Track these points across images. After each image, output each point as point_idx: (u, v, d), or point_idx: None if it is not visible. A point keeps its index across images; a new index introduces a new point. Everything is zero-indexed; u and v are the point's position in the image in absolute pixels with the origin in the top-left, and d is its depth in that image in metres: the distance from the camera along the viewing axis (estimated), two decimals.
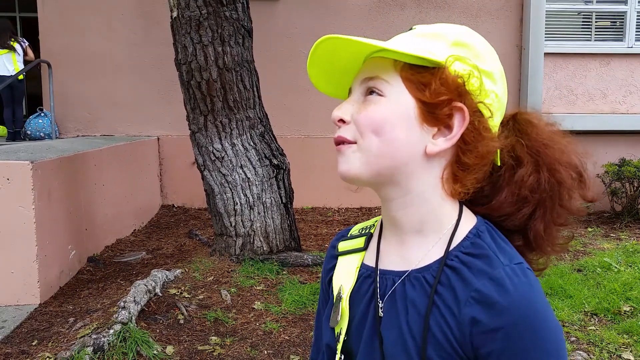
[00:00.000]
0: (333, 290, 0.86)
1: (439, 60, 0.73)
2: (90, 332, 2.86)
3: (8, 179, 3.48)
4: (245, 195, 4.08)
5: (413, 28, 0.79)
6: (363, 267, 0.84)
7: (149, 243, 5.03)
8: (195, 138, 4.14)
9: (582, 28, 6.80)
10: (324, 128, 6.26)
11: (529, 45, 6.33)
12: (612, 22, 6.84)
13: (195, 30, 3.95)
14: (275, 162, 4.19)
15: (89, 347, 2.67)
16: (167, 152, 6.39)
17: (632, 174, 5.49)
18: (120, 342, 2.73)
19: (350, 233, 0.91)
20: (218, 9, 3.96)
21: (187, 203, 6.39)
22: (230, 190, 4.08)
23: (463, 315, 0.70)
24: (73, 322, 3.15)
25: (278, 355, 2.90)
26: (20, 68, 6.91)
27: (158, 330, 3.01)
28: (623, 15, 6.70)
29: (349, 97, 0.79)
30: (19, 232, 3.47)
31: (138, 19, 6.34)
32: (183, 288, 3.55)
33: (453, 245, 0.75)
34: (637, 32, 6.69)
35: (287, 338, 3.06)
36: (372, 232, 0.87)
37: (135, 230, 5.39)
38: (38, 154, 3.89)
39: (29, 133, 6.45)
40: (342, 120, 0.76)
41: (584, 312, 3.39)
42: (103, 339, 2.71)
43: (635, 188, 5.63)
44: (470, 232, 0.76)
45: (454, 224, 0.76)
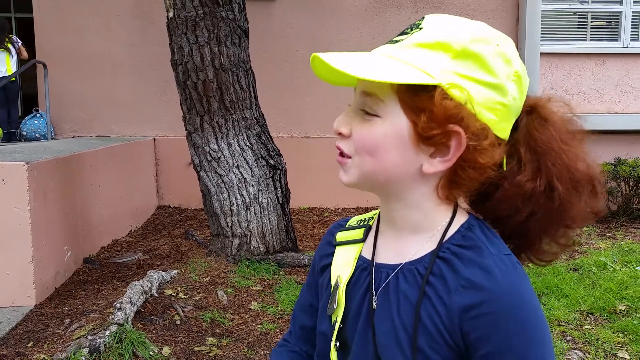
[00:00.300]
0: (330, 279, 0.89)
1: (434, 84, 0.70)
2: (86, 333, 2.86)
3: (3, 180, 3.46)
4: (242, 196, 4.08)
5: (421, 23, 0.75)
6: (360, 258, 0.86)
7: (145, 244, 5.02)
8: (192, 138, 4.13)
9: (577, 28, 6.82)
10: (321, 128, 6.25)
11: (525, 45, 6.34)
12: (607, 22, 6.86)
13: (192, 31, 3.95)
14: (272, 162, 4.19)
15: (85, 348, 2.66)
16: (163, 152, 6.38)
17: (627, 174, 5.50)
18: (117, 343, 2.73)
19: (349, 224, 0.94)
20: (214, 10, 3.95)
21: (183, 204, 6.38)
22: (227, 191, 4.08)
23: (453, 303, 0.72)
24: (69, 323, 3.14)
25: None
26: (13, 69, 6.89)
27: (154, 331, 3.01)
28: (618, 15, 6.73)
29: (351, 105, 0.79)
30: (15, 233, 3.46)
31: (134, 19, 6.33)
32: (179, 289, 3.54)
33: (445, 239, 0.77)
34: (632, 32, 6.71)
35: None
36: (370, 224, 0.90)
37: (132, 231, 5.38)
38: (34, 155, 3.87)
39: (25, 134, 6.44)
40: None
41: (580, 311, 3.40)
42: (99, 340, 2.71)
43: (631, 187, 5.65)
44: (462, 226, 0.78)
45: (448, 222, 0.78)
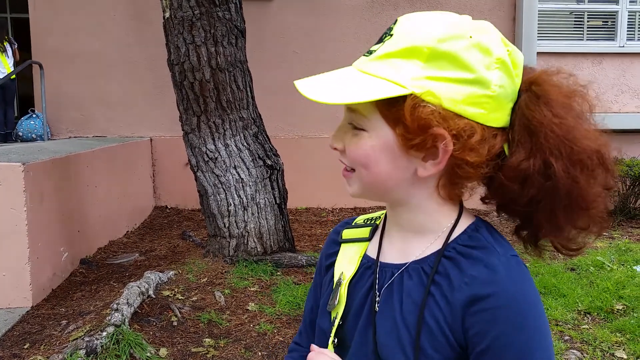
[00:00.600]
0: (333, 276, 0.89)
1: (404, 94, 0.70)
2: (83, 334, 2.84)
3: None
4: (239, 196, 4.07)
5: (393, 28, 0.74)
6: (365, 257, 0.87)
7: (142, 244, 5.00)
8: (189, 139, 4.12)
9: (574, 27, 6.83)
10: (318, 128, 6.25)
11: (522, 45, 6.35)
12: (603, 21, 6.88)
13: (188, 31, 3.94)
14: (269, 162, 4.18)
15: (82, 349, 2.65)
16: (160, 153, 6.36)
17: (624, 173, 5.51)
18: (114, 344, 2.72)
19: (355, 222, 0.95)
20: (211, 9, 3.94)
21: (180, 204, 6.37)
22: (224, 191, 4.07)
23: (456, 300, 0.72)
24: (65, 324, 3.12)
25: (272, 357, 2.90)
26: (10, 69, 6.87)
27: (151, 333, 3.00)
28: (614, 15, 6.74)
29: (343, 120, 0.80)
30: (11, 234, 3.44)
31: (130, 20, 6.32)
32: (176, 290, 3.53)
33: (451, 240, 0.78)
34: (628, 31, 6.73)
35: (281, 339, 3.05)
36: (377, 223, 0.90)
37: (128, 232, 5.37)
38: (30, 156, 3.86)
39: (21, 134, 6.42)
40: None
41: (577, 310, 3.41)
42: (96, 342, 2.70)
43: (628, 187, 5.66)
44: (469, 227, 0.78)
45: (453, 222, 0.79)
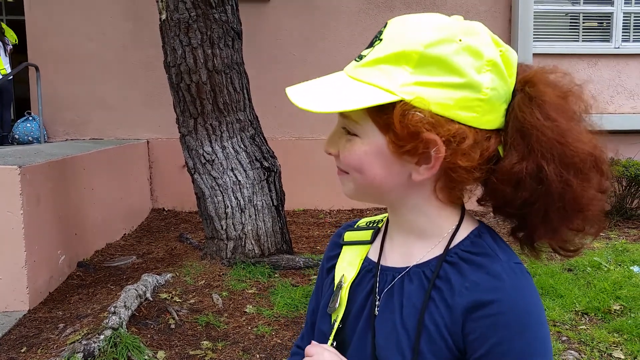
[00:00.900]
0: (334, 278, 0.88)
1: (393, 101, 0.69)
2: (81, 337, 2.83)
3: None
4: (236, 198, 4.07)
5: (383, 32, 0.73)
6: (366, 260, 0.86)
7: (139, 247, 4.99)
8: (185, 141, 4.12)
9: (569, 29, 6.86)
10: (315, 130, 6.25)
11: (518, 46, 6.37)
12: (599, 23, 6.90)
13: (185, 33, 3.93)
14: (266, 164, 4.18)
15: (79, 353, 2.65)
16: (157, 155, 6.35)
17: (620, 174, 5.53)
18: (111, 347, 2.71)
19: (358, 224, 0.94)
20: (207, 11, 3.94)
21: (177, 206, 6.36)
22: (221, 193, 4.06)
23: (456, 304, 0.72)
24: (63, 328, 3.11)
25: (270, 359, 2.89)
26: (7, 69, 6.86)
27: (149, 335, 2.99)
28: (610, 16, 6.77)
29: (336, 125, 0.80)
30: (7, 237, 3.43)
31: (126, 22, 6.31)
32: (174, 292, 3.52)
33: (453, 245, 0.77)
34: (623, 32, 6.76)
35: (279, 342, 3.05)
36: (380, 226, 0.90)
37: (126, 235, 5.35)
38: (26, 159, 3.85)
39: (17, 137, 6.40)
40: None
41: (575, 311, 3.41)
42: (93, 345, 2.69)
43: (624, 187, 5.68)
44: (472, 232, 0.78)
45: (455, 227, 0.78)
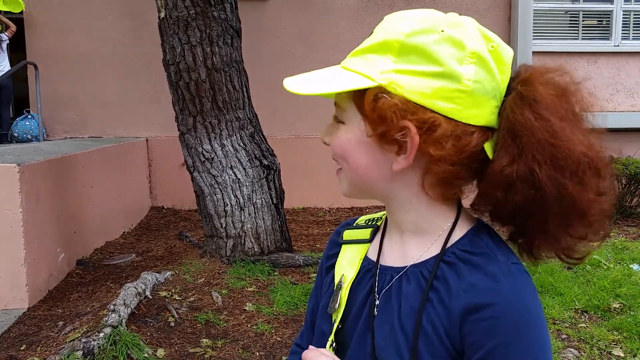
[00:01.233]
0: (334, 278, 0.88)
1: (368, 86, 0.71)
2: (80, 335, 2.83)
3: None
4: (236, 196, 4.07)
5: (377, 26, 0.76)
6: (366, 259, 0.86)
7: (139, 245, 4.99)
8: (185, 139, 4.11)
9: (569, 27, 6.85)
10: (314, 128, 6.24)
11: (517, 44, 6.36)
12: (598, 20, 6.90)
13: (183, 31, 3.93)
14: (266, 162, 4.18)
15: (79, 351, 2.64)
16: (156, 153, 6.35)
17: (620, 172, 5.53)
18: (111, 345, 2.71)
19: (357, 223, 0.94)
20: (206, 9, 3.94)
21: (176, 204, 6.35)
22: (221, 192, 4.06)
23: (454, 307, 0.71)
24: (62, 326, 3.11)
25: (270, 357, 2.89)
26: (5, 67, 6.84)
27: (149, 333, 2.99)
28: (609, 14, 6.76)
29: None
30: (6, 235, 3.43)
31: (125, 20, 6.30)
32: (173, 290, 3.52)
33: (451, 243, 0.76)
34: (623, 30, 6.75)
35: (279, 339, 3.05)
36: (379, 225, 0.89)
37: (125, 233, 5.35)
38: (25, 157, 3.84)
39: (16, 135, 6.39)
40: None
41: (575, 309, 3.42)
42: (93, 343, 2.69)
43: (624, 186, 5.68)
44: (469, 230, 0.77)
45: (451, 224, 0.77)
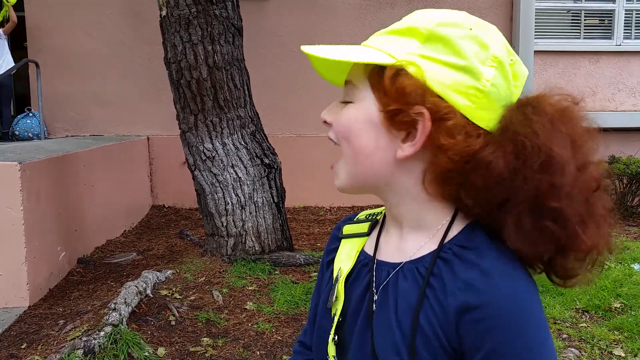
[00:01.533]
0: (333, 271, 0.88)
1: (390, 63, 0.70)
2: (81, 334, 2.83)
3: None
4: (237, 195, 4.06)
5: (405, 16, 0.77)
6: (362, 253, 0.85)
7: (140, 244, 4.99)
8: (186, 137, 4.11)
9: (571, 26, 6.84)
10: (316, 127, 6.24)
11: (519, 43, 6.35)
12: (600, 20, 6.88)
13: (185, 29, 3.92)
14: (267, 161, 4.17)
15: (80, 349, 2.64)
16: (157, 152, 6.35)
17: (621, 171, 5.51)
18: (111, 344, 2.71)
19: (357, 217, 0.93)
20: (207, 8, 3.93)
21: (177, 203, 6.35)
22: (222, 190, 4.06)
23: (449, 305, 0.70)
24: (63, 324, 3.11)
25: (270, 356, 2.89)
26: (8, 64, 6.84)
27: (149, 332, 2.99)
28: (611, 13, 6.75)
29: (339, 98, 0.80)
30: (7, 233, 3.43)
31: (126, 18, 6.30)
32: (174, 289, 3.52)
33: (448, 239, 0.75)
34: (625, 30, 6.74)
35: (279, 338, 3.05)
36: (378, 219, 0.88)
37: (126, 231, 5.35)
38: (26, 155, 3.84)
39: (17, 133, 6.39)
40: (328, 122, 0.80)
41: (575, 309, 3.41)
42: (93, 341, 2.69)
43: (625, 185, 5.67)
44: (467, 225, 0.76)
45: (449, 220, 0.76)
